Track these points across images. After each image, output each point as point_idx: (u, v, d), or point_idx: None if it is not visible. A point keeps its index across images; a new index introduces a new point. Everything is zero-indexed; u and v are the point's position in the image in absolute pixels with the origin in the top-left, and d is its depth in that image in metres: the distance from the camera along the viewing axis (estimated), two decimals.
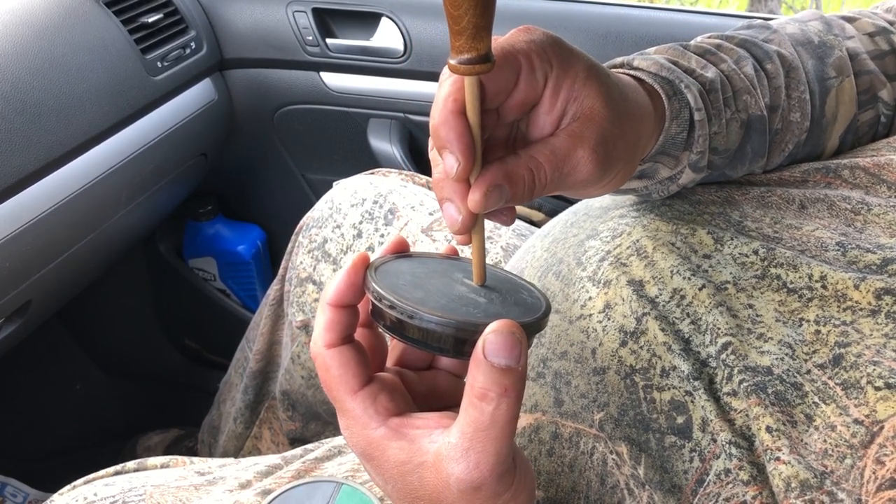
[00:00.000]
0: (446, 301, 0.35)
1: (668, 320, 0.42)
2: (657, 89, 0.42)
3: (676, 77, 0.43)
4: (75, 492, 0.56)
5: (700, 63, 0.45)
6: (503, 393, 0.32)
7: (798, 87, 0.48)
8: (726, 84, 0.45)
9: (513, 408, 0.32)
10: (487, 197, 0.34)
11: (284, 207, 1.28)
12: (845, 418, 0.35)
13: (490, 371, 0.32)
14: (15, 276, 0.79)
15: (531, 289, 0.39)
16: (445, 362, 0.42)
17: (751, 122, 0.46)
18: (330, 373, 0.36)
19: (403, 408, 0.36)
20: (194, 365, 1.34)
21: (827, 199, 0.45)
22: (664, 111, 0.42)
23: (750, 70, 0.47)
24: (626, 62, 0.44)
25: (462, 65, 0.32)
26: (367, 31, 1.13)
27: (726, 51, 0.47)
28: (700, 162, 0.45)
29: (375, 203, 0.76)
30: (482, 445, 0.32)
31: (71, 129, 0.83)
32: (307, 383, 0.83)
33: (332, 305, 0.36)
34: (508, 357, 0.32)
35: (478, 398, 0.32)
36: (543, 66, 0.35)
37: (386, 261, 0.38)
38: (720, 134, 0.45)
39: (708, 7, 2.26)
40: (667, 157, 0.44)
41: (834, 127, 0.51)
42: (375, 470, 0.36)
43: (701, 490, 0.39)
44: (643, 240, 0.46)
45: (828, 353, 0.37)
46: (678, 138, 0.43)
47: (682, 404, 0.40)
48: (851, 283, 0.39)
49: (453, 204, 0.35)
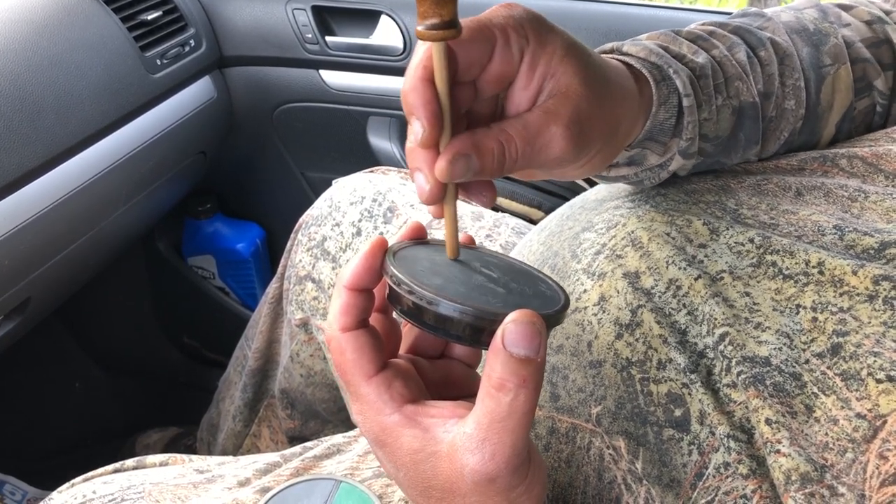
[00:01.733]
0: (465, 289, 0.35)
1: (664, 312, 0.42)
2: (645, 74, 0.42)
3: (665, 62, 0.43)
4: (74, 490, 0.56)
5: (691, 49, 0.45)
6: (521, 384, 0.32)
7: (792, 74, 0.48)
8: (717, 70, 0.45)
9: (531, 399, 0.32)
10: (453, 165, 0.34)
11: (284, 205, 1.28)
12: (847, 412, 0.35)
13: (509, 361, 0.32)
14: (14, 274, 0.79)
15: (549, 282, 0.39)
16: (458, 351, 0.42)
17: (743, 108, 0.46)
18: (345, 356, 0.35)
19: (417, 395, 0.36)
20: (193, 363, 1.34)
21: (824, 186, 0.45)
22: (651, 96, 0.42)
23: (743, 56, 0.46)
24: (616, 48, 0.44)
25: (427, 30, 0.32)
26: (367, 28, 1.13)
27: (719, 37, 0.47)
28: (690, 149, 0.44)
29: (375, 201, 0.76)
30: (498, 437, 0.32)
31: (70, 126, 0.83)
32: (306, 381, 0.83)
33: (348, 288, 0.36)
34: (528, 347, 0.32)
35: (495, 388, 0.32)
36: (520, 40, 0.35)
37: (403, 246, 0.38)
38: (710, 120, 0.44)
39: (707, 5, 2.26)
40: (655, 143, 0.44)
41: (830, 115, 0.51)
42: (387, 457, 0.36)
43: (700, 484, 0.39)
44: (638, 231, 0.46)
45: (826, 342, 0.37)
46: (666, 124, 0.43)
47: (679, 397, 0.40)
48: (850, 270, 0.38)
49: (422, 173, 0.35)
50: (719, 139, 0.46)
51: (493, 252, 0.41)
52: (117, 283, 1.30)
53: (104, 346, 1.33)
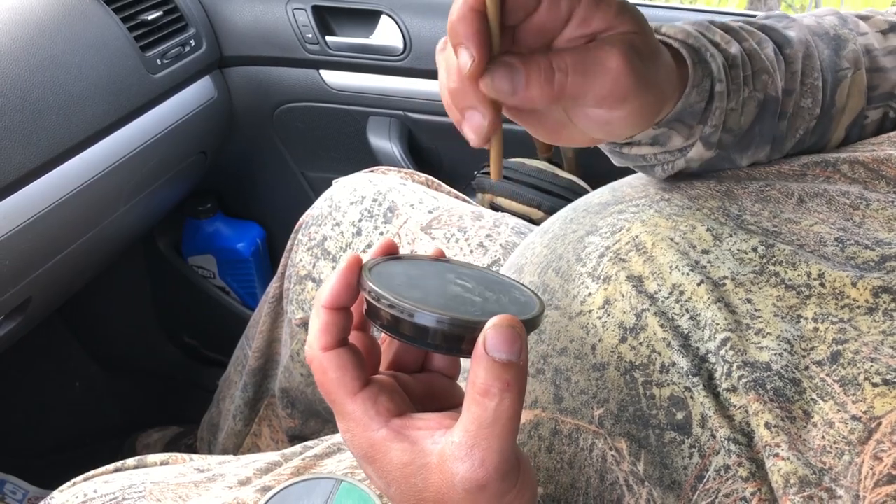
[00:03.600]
0: (444, 300, 0.36)
1: (668, 316, 0.42)
2: (684, 54, 0.42)
3: (703, 46, 0.43)
4: (75, 489, 0.56)
5: (725, 38, 0.45)
6: (505, 388, 0.32)
7: (812, 73, 0.49)
8: (747, 62, 0.45)
9: (516, 403, 0.32)
10: (499, 77, 0.33)
11: (284, 205, 1.28)
12: (843, 415, 0.35)
13: (492, 366, 0.32)
14: (14, 274, 0.79)
15: (522, 288, 0.40)
16: (439, 363, 0.42)
17: (766, 102, 0.46)
18: (327, 376, 0.36)
19: (404, 409, 0.36)
20: (194, 362, 1.35)
21: (826, 193, 0.45)
22: (686, 77, 0.42)
23: (771, 52, 0.47)
24: (655, 28, 0.44)
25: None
26: (367, 28, 1.13)
27: (748, 32, 0.48)
28: (712, 137, 0.45)
29: (375, 201, 0.76)
30: (487, 443, 0.32)
31: (70, 126, 0.83)
32: (306, 381, 0.83)
33: (327, 308, 0.36)
34: (510, 351, 0.32)
35: (480, 395, 0.32)
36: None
37: (378, 262, 0.39)
38: (736, 111, 0.45)
39: (707, 6, 2.26)
40: (682, 125, 0.44)
41: (842, 118, 0.51)
42: (377, 473, 0.36)
43: (700, 486, 0.39)
44: (642, 235, 0.46)
45: (826, 351, 0.37)
46: (696, 107, 0.43)
47: (681, 400, 0.40)
48: (849, 281, 0.39)
49: (476, 110, 0.35)
50: (740, 130, 0.46)
51: (466, 263, 0.42)
52: (118, 283, 1.30)
53: (104, 346, 1.33)
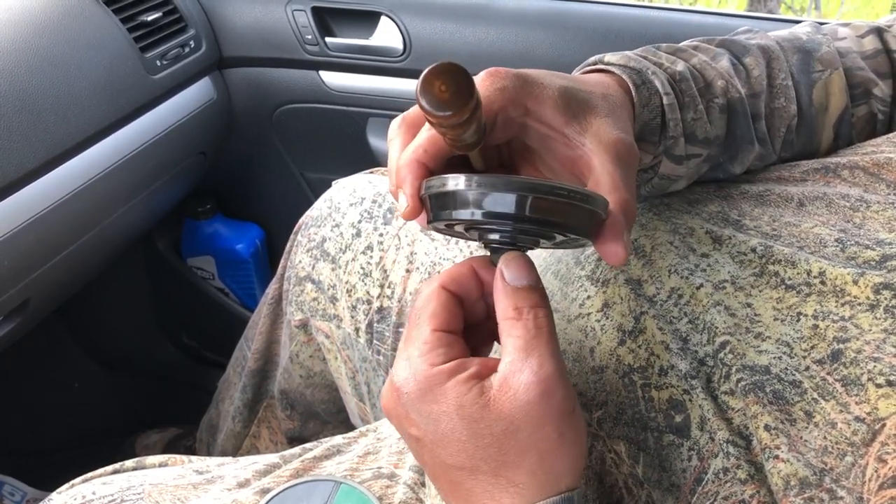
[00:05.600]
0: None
1: (667, 319, 0.42)
2: (625, 79, 0.43)
3: (644, 66, 0.44)
4: (73, 490, 0.56)
5: (669, 59, 0.47)
6: (534, 305, 0.35)
7: (779, 75, 0.50)
8: (697, 75, 0.47)
9: (548, 316, 0.35)
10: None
11: (283, 206, 1.28)
12: (846, 415, 0.35)
13: (516, 292, 0.35)
14: (13, 275, 0.79)
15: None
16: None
17: (731, 105, 0.47)
18: (429, 305, 0.37)
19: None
20: (193, 363, 1.34)
21: (825, 196, 0.45)
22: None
23: (726, 63, 0.48)
24: (599, 59, 0.46)
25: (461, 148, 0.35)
26: (367, 29, 1.13)
27: (702, 50, 0.49)
28: (675, 149, 0.45)
29: (374, 202, 0.76)
30: (538, 350, 0.34)
31: (69, 127, 0.83)
32: (305, 382, 0.83)
33: (467, 266, 0.39)
34: (528, 278, 0.36)
35: (514, 318, 0.35)
36: (517, 111, 0.38)
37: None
38: (700, 120, 0.45)
39: (707, 6, 2.27)
40: (646, 143, 0.45)
41: (826, 117, 0.51)
42: (430, 421, 0.36)
43: (699, 489, 0.39)
44: (641, 239, 0.46)
45: (826, 349, 0.37)
46: (652, 124, 0.44)
47: (680, 403, 0.40)
48: (850, 279, 0.39)
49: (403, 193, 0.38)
50: (719, 139, 0.47)
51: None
52: (117, 284, 1.30)
53: (104, 346, 1.33)
